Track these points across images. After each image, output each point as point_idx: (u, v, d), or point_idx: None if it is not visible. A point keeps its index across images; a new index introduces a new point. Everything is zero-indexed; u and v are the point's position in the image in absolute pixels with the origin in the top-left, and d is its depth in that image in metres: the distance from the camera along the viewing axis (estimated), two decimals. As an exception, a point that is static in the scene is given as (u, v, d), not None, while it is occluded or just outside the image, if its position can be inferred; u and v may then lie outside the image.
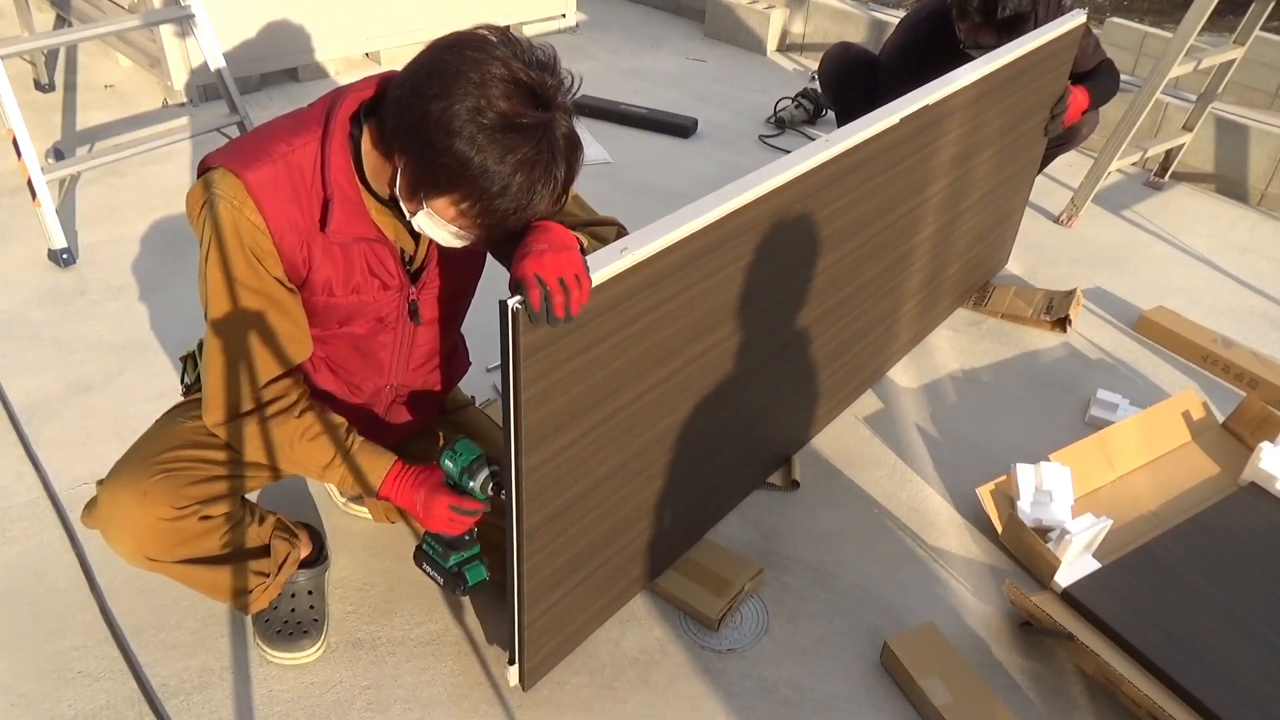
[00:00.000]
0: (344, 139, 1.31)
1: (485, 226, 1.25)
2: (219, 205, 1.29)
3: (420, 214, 1.27)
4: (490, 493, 1.48)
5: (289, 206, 1.31)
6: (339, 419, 1.49)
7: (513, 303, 1.19)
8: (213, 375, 1.40)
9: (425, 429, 1.77)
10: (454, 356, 1.74)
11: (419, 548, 1.58)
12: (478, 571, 1.55)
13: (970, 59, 2.82)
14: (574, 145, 1.23)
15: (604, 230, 1.45)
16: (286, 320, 1.39)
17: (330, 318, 1.45)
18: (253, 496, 1.70)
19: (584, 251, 1.28)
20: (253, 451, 1.47)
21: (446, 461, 1.48)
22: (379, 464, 1.49)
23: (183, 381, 1.69)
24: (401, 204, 1.29)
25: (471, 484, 1.46)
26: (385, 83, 1.30)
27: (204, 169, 1.34)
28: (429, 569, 1.56)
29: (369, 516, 1.98)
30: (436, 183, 1.21)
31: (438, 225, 1.27)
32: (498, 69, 1.16)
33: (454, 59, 1.17)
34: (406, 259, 1.46)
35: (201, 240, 1.33)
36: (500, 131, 1.16)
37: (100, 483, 1.48)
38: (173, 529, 1.45)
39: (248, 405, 1.42)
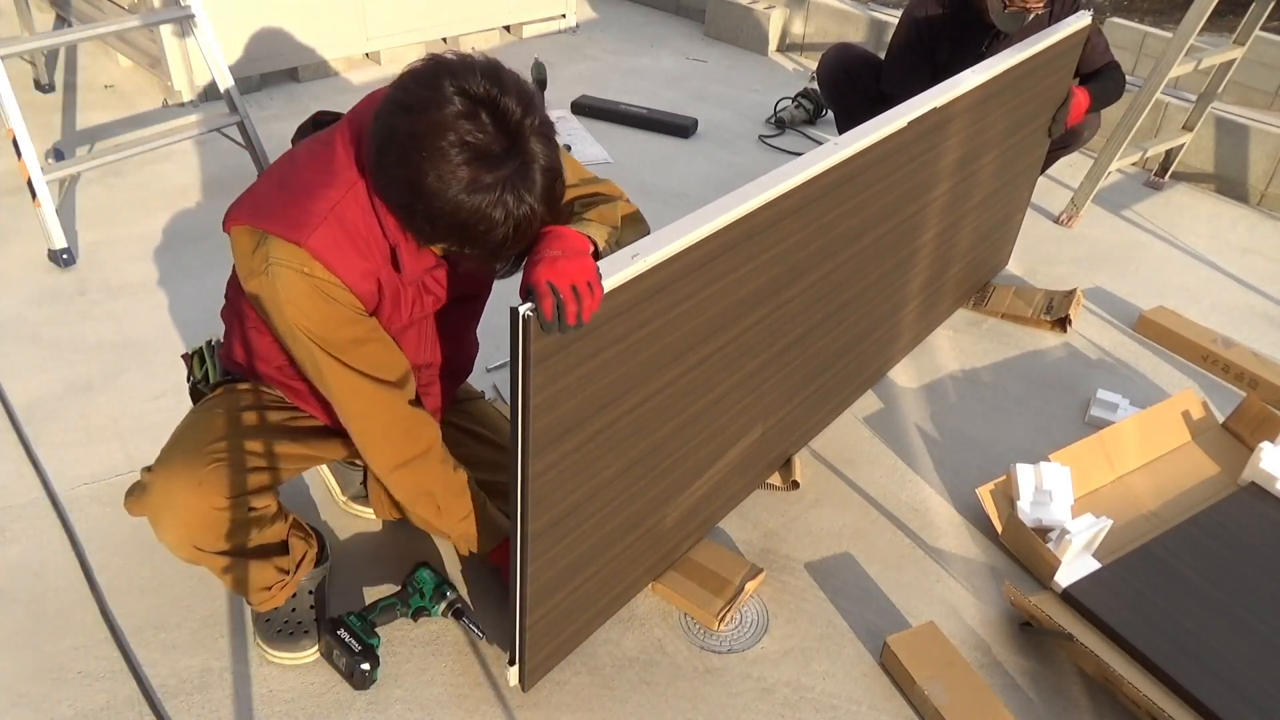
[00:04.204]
0: None
1: (483, 259, 1.32)
2: (287, 276, 1.30)
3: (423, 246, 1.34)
4: (450, 618, 1.74)
5: (353, 258, 1.33)
6: (467, 474, 1.63)
7: (524, 310, 1.19)
8: (364, 425, 1.46)
9: (437, 419, 1.78)
10: (471, 343, 1.76)
11: (338, 619, 1.69)
12: (377, 672, 1.67)
13: (986, 33, 2.83)
14: (552, 174, 1.24)
15: (608, 209, 1.43)
16: (388, 349, 1.44)
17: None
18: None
19: (597, 255, 1.28)
20: (413, 493, 1.56)
21: (425, 573, 1.74)
22: (501, 529, 1.69)
23: (189, 379, 1.70)
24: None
25: (434, 606, 1.72)
26: (360, 130, 1.31)
27: (231, 226, 1.35)
28: (344, 634, 1.66)
29: (370, 515, 1.98)
30: (421, 236, 1.29)
31: (444, 251, 1.35)
32: (451, 135, 1.16)
33: (406, 126, 1.18)
34: None
35: (274, 313, 1.35)
36: (464, 194, 1.18)
37: (149, 470, 1.49)
38: (223, 518, 1.47)
39: (416, 449, 1.50)
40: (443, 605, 1.72)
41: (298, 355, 1.41)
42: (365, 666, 1.63)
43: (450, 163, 1.16)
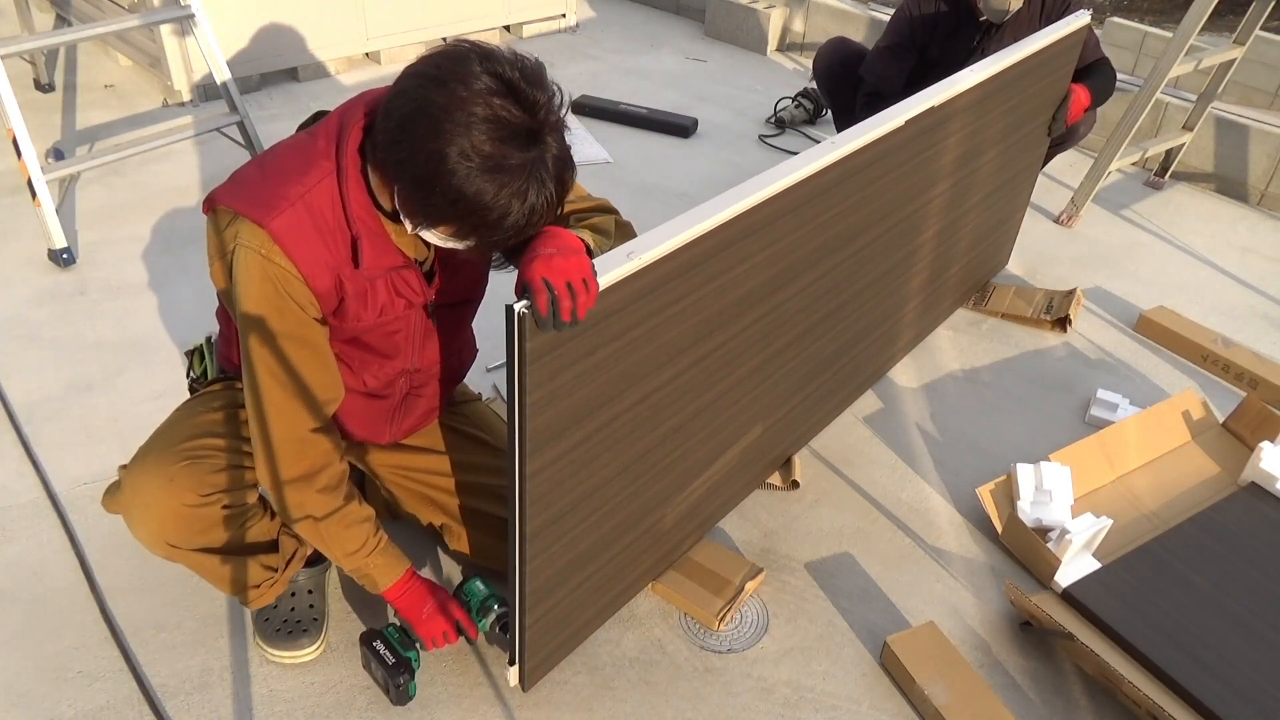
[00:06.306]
0: (358, 175, 1.32)
1: (483, 249, 1.29)
2: (246, 256, 1.29)
3: (421, 229, 1.29)
4: (497, 631, 1.65)
5: (316, 247, 1.31)
6: (370, 510, 1.55)
7: (519, 307, 1.19)
8: (260, 429, 1.41)
9: (433, 421, 1.78)
10: (465, 346, 1.75)
11: (376, 630, 1.64)
12: (414, 685, 1.63)
13: (977, 29, 2.85)
14: (564, 164, 1.24)
15: (602, 221, 1.44)
16: (323, 365, 1.42)
17: (355, 332, 1.46)
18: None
19: (590, 254, 1.28)
20: (294, 514, 1.48)
21: (478, 584, 1.67)
22: (395, 568, 1.58)
23: (188, 375, 1.70)
24: (404, 220, 1.31)
25: (482, 620, 1.64)
26: (372, 107, 1.30)
27: (210, 207, 1.34)
28: (380, 646, 1.61)
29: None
30: (431, 215, 1.25)
31: (441, 239, 1.30)
32: (480, 109, 1.15)
33: (438, 98, 1.16)
34: (419, 262, 1.47)
35: (232, 293, 1.34)
36: (488, 173, 1.17)
37: (123, 468, 1.49)
38: (195, 515, 1.46)
39: (299, 470, 1.43)
40: (490, 619, 1.65)
41: (241, 339, 1.38)
42: (400, 680, 1.59)
43: (477, 136, 1.15)
